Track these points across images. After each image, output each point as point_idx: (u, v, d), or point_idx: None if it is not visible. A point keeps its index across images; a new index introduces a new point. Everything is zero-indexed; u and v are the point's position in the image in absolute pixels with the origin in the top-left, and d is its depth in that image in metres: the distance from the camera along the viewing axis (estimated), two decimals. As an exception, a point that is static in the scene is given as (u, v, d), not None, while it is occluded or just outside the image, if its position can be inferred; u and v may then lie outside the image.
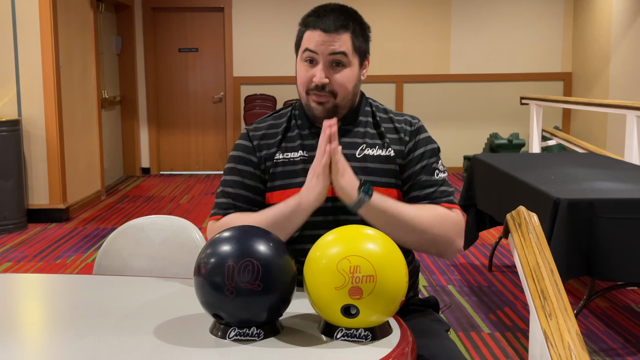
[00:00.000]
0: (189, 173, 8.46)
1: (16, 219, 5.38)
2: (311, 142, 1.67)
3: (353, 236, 1.27)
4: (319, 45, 1.59)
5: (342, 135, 1.66)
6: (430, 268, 4.28)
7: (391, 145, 1.67)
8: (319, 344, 1.25)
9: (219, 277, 1.23)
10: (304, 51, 1.62)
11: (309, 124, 1.68)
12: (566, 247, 2.75)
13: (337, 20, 1.60)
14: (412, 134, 1.69)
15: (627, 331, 3.22)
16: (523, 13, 8.20)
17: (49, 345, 1.32)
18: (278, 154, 1.67)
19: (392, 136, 1.68)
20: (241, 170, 1.68)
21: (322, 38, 1.59)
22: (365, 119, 1.70)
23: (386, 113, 1.73)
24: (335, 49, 1.59)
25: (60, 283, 1.83)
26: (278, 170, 1.66)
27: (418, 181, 1.64)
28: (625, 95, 6.75)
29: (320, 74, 1.59)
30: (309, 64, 1.62)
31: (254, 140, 1.70)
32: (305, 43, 1.62)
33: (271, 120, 1.74)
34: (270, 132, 1.71)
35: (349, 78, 1.62)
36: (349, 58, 1.61)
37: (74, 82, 6.14)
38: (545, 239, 2.05)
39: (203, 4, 8.21)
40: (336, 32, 1.59)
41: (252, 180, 1.67)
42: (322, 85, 1.59)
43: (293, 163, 1.66)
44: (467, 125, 8.30)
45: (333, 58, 1.60)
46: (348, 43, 1.61)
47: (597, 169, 3.58)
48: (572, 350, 1.55)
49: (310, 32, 1.61)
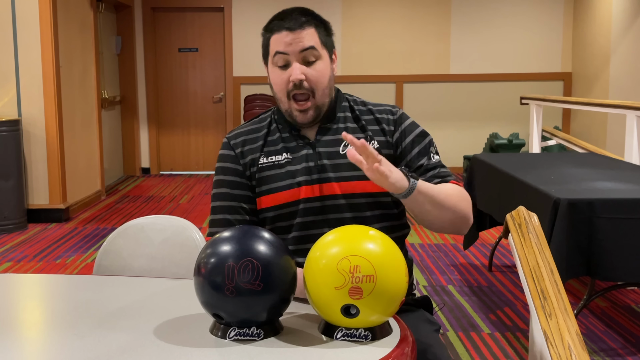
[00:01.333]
0: (189, 173, 8.46)
1: (16, 219, 5.38)
2: (293, 144, 1.67)
3: (353, 236, 1.27)
4: (288, 45, 1.60)
5: (324, 133, 1.67)
6: (430, 268, 4.28)
7: (374, 137, 1.67)
8: (319, 344, 1.25)
9: (219, 277, 1.23)
10: (274, 55, 1.63)
11: (290, 128, 1.69)
12: (566, 247, 2.75)
13: (299, 18, 1.62)
14: (395, 122, 1.70)
15: (627, 331, 3.22)
16: (523, 13, 8.20)
17: (49, 345, 1.32)
18: (262, 158, 1.68)
19: (373, 127, 1.69)
20: (228, 181, 1.68)
21: (289, 37, 1.60)
22: (343, 114, 1.71)
23: (365, 105, 1.74)
24: (305, 44, 1.61)
25: (60, 283, 1.83)
26: (264, 174, 1.66)
27: (419, 167, 1.65)
28: (625, 95, 6.75)
29: (296, 70, 1.60)
30: (282, 69, 1.63)
31: (236, 148, 1.70)
32: (274, 47, 1.63)
33: (250, 125, 1.74)
34: (250, 137, 1.71)
35: (323, 71, 1.64)
36: (318, 51, 1.63)
37: (74, 82, 6.14)
38: (545, 239, 2.05)
39: (203, 4, 8.21)
40: (301, 28, 1.61)
41: (240, 190, 1.67)
42: (300, 82, 1.60)
43: (278, 166, 1.66)
44: (467, 125, 8.31)
45: (304, 55, 1.61)
46: (315, 36, 1.63)
47: (597, 169, 3.58)
48: (572, 350, 1.55)
49: (277, 35, 1.62)
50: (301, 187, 1.63)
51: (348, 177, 1.63)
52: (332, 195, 1.63)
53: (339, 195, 1.62)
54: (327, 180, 1.63)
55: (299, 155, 1.66)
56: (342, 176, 1.63)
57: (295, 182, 1.63)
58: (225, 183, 1.68)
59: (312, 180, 1.63)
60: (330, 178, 1.63)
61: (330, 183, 1.63)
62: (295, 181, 1.63)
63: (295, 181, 1.63)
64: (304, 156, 1.65)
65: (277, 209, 1.64)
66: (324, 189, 1.63)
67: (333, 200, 1.62)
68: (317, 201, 1.61)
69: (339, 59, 8.38)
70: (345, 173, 1.63)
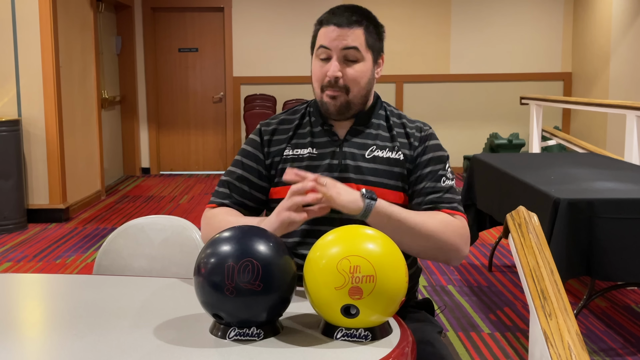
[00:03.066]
0: (189, 173, 8.46)
1: (16, 219, 5.38)
2: (321, 140, 1.68)
3: (353, 236, 1.27)
4: (332, 41, 1.62)
5: (355, 135, 1.68)
6: (430, 268, 4.28)
7: (401, 149, 1.67)
8: (319, 344, 1.25)
9: (219, 277, 1.23)
10: (318, 48, 1.65)
11: (322, 121, 1.70)
12: (566, 247, 2.75)
13: (351, 16, 1.63)
14: (421, 139, 1.69)
15: (627, 331, 3.22)
16: (523, 13, 8.20)
17: (49, 345, 1.32)
18: (288, 149, 1.69)
19: (402, 140, 1.69)
20: (245, 164, 1.71)
21: (335, 33, 1.62)
22: (378, 121, 1.72)
23: (400, 118, 1.74)
24: (348, 43, 1.61)
25: (60, 283, 1.83)
26: (286, 166, 1.67)
27: (423, 187, 1.64)
28: (625, 95, 6.75)
29: (334, 67, 1.61)
30: (323, 61, 1.64)
31: (264, 135, 1.72)
32: (320, 40, 1.65)
33: (284, 116, 1.76)
34: (281, 127, 1.73)
35: (362, 73, 1.64)
36: (361, 53, 1.63)
37: (74, 82, 6.14)
38: (545, 239, 2.05)
39: (203, 4, 8.21)
40: (349, 27, 1.62)
41: (252, 176, 1.70)
42: (336, 79, 1.61)
43: (300, 159, 1.67)
44: (467, 125, 8.31)
45: (346, 53, 1.62)
46: (361, 38, 1.63)
47: (597, 169, 3.58)
48: (572, 350, 1.55)
49: (325, 29, 1.64)
50: None
51: (369, 181, 1.63)
52: None
53: None
54: (347, 180, 1.63)
55: (325, 152, 1.67)
56: (363, 179, 1.63)
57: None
58: (240, 165, 1.72)
59: (332, 177, 1.60)
60: (351, 178, 1.63)
61: (350, 184, 1.61)
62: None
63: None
64: (330, 153, 1.66)
65: None
66: None
67: None
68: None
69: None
70: (367, 177, 1.64)
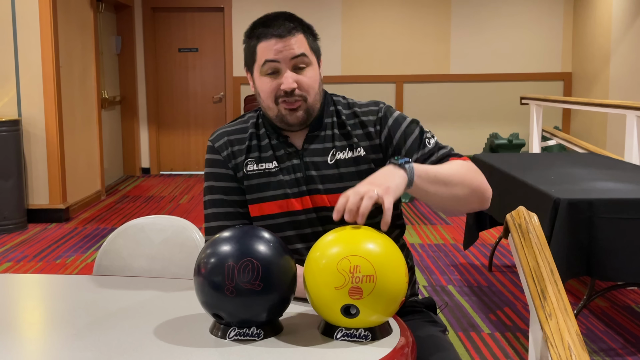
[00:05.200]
0: (189, 173, 8.46)
1: (16, 219, 5.38)
2: (281, 153, 1.61)
3: (353, 236, 1.27)
4: (278, 53, 1.53)
5: (312, 142, 1.61)
6: (430, 268, 4.28)
7: (360, 143, 1.61)
8: (319, 344, 1.25)
9: (219, 277, 1.23)
10: (263, 64, 1.55)
11: (277, 134, 1.62)
12: (566, 247, 2.75)
13: (288, 24, 1.56)
14: (381, 121, 1.62)
15: (627, 331, 3.22)
16: (523, 13, 8.20)
17: (49, 345, 1.32)
18: (252, 164, 1.61)
19: (358, 132, 1.62)
20: (220, 187, 1.62)
21: (280, 45, 1.53)
22: (330, 120, 1.64)
23: (350, 108, 1.66)
24: (295, 52, 1.54)
25: (60, 283, 1.83)
26: (253, 182, 1.60)
27: (417, 159, 1.58)
28: (625, 95, 6.75)
29: (289, 80, 1.53)
30: (270, 76, 1.55)
31: (222, 151, 1.63)
32: (264, 55, 1.55)
33: (234, 125, 1.67)
34: (236, 137, 1.64)
35: (314, 78, 1.58)
36: (309, 58, 1.57)
37: (74, 82, 6.14)
38: (545, 239, 2.05)
39: (203, 4, 8.21)
40: (290, 35, 1.54)
41: (234, 194, 1.61)
42: (292, 90, 1.54)
43: (269, 174, 1.60)
44: (467, 125, 8.31)
45: (295, 62, 1.54)
46: (304, 43, 1.57)
47: (597, 169, 3.58)
48: (572, 350, 1.55)
49: (265, 42, 1.55)
50: (289, 199, 1.57)
51: (335, 189, 1.57)
52: (322, 207, 1.57)
53: (329, 207, 1.54)
54: (316, 192, 1.57)
55: (286, 166, 1.60)
56: (330, 188, 1.58)
57: (284, 193, 1.58)
58: (218, 189, 1.62)
59: (300, 192, 1.58)
60: (319, 190, 1.58)
61: (320, 195, 1.57)
62: (284, 192, 1.58)
63: (284, 192, 1.58)
64: (292, 167, 1.59)
65: (264, 219, 1.59)
66: (313, 200, 1.58)
67: (325, 212, 1.56)
68: (303, 214, 1.57)
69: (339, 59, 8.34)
70: (333, 185, 1.58)
